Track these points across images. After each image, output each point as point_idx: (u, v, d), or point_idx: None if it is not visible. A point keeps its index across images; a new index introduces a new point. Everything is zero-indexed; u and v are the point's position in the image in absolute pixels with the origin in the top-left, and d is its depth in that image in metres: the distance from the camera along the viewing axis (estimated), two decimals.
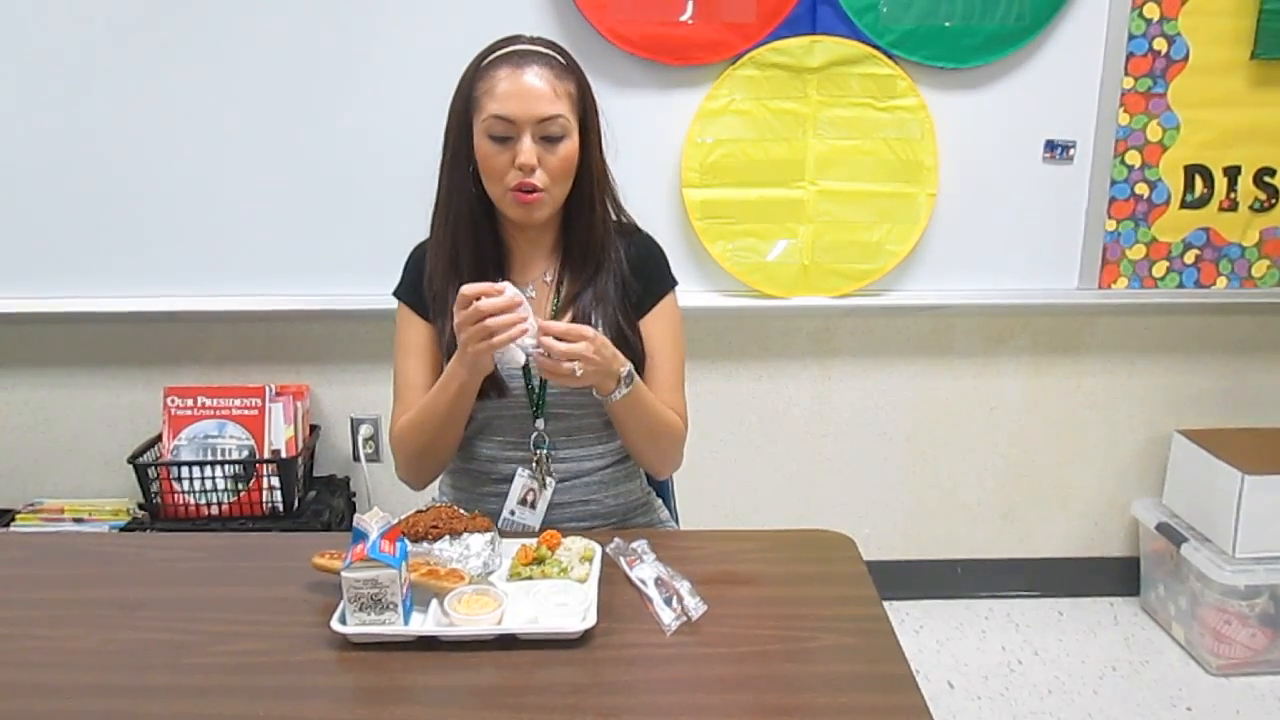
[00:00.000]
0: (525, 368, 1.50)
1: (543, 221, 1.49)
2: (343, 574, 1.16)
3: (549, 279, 1.55)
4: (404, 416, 1.51)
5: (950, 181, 2.41)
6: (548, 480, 1.53)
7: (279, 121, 2.35)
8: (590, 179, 1.50)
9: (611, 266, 1.54)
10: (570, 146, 1.44)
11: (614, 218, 1.57)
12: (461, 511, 1.34)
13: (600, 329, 1.49)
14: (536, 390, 1.52)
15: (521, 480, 1.53)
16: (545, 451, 1.53)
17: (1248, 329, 2.67)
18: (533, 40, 1.48)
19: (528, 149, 1.41)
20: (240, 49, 2.31)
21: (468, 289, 1.32)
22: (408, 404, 1.53)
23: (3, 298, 2.44)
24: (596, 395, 1.43)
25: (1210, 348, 2.68)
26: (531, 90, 1.41)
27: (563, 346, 1.33)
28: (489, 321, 1.31)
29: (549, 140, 1.43)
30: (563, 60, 1.47)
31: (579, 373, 1.34)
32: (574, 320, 1.51)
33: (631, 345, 1.52)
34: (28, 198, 2.38)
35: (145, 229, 2.41)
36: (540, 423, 1.53)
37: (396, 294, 1.58)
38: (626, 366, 1.42)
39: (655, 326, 1.56)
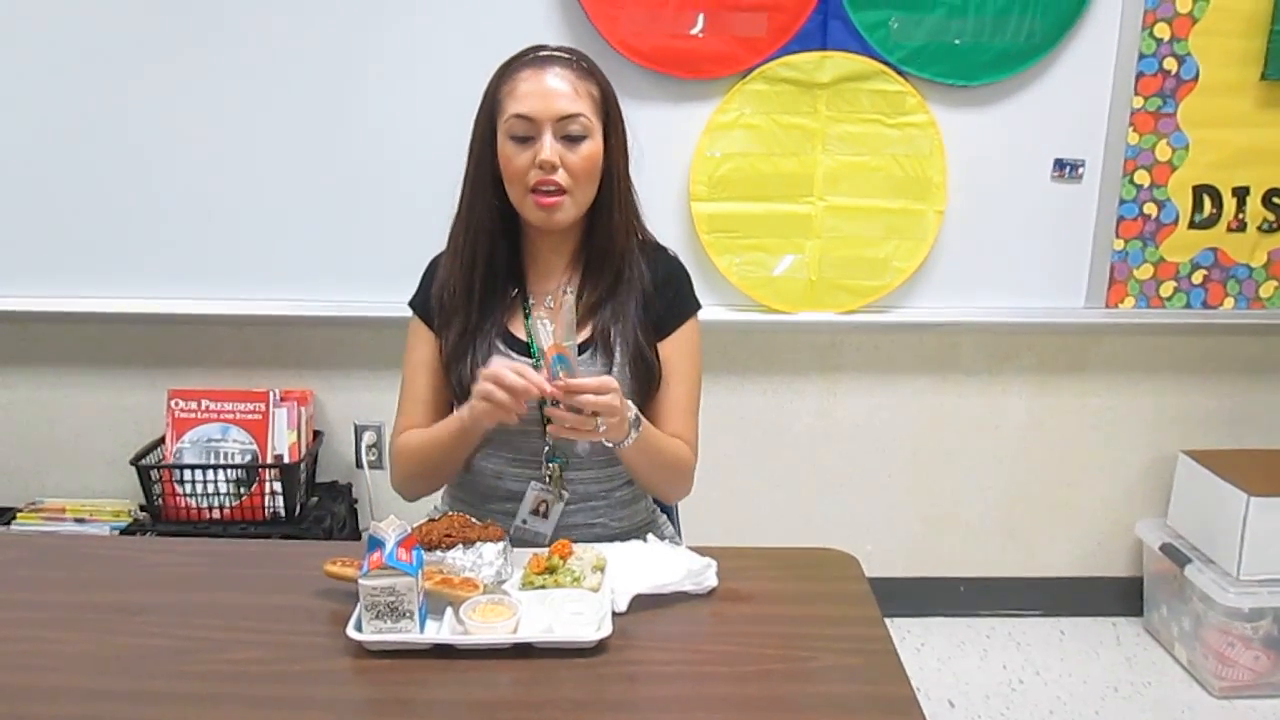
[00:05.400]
0: None
1: (564, 226, 1.47)
2: (360, 581, 1.16)
3: (568, 291, 1.52)
4: (405, 438, 1.52)
5: (958, 199, 2.41)
6: (562, 493, 1.51)
7: (289, 127, 2.36)
8: (612, 186, 1.48)
9: (633, 280, 1.51)
10: (593, 147, 1.43)
11: (637, 235, 1.54)
12: (474, 520, 1.34)
13: (619, 346, 1.48)
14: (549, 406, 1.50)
15: (534, 492, 1.52)
16: (558, 464, 1.51)
17: (1255, 350, 2.66)
18: (557, 48, 1.48)
19: (548, 146, 1.40)
20: (252, 55, 2.31)
21: (511, 377, 1.31)
22: (411, 417, 1.53)
23: (8, 296, 2.44)
24: (606, 444, 1.40)
25: (1217, 368, 2.67)
26: (552, 89, 1.41)
27: (594, 399, 1.30)
28: (497, 394, 1.31)
29: (570, 139, 1.41)
30: (585, 64, 1.46)
31: (603, 428, 1.32)
32: (593, 336, 1.49)
33: (649, 365, 1.50)
34: (35, 197, 2.39)
35: (152, 231, 2.41)
36: (550, 438, 1.50)
37: (411, 304, 1.57)
38: (633, 410, 1.40)
39: (674, 350, 1.54)
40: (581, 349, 1.49)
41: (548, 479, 1.51)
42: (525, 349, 1.51)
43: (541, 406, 1.49)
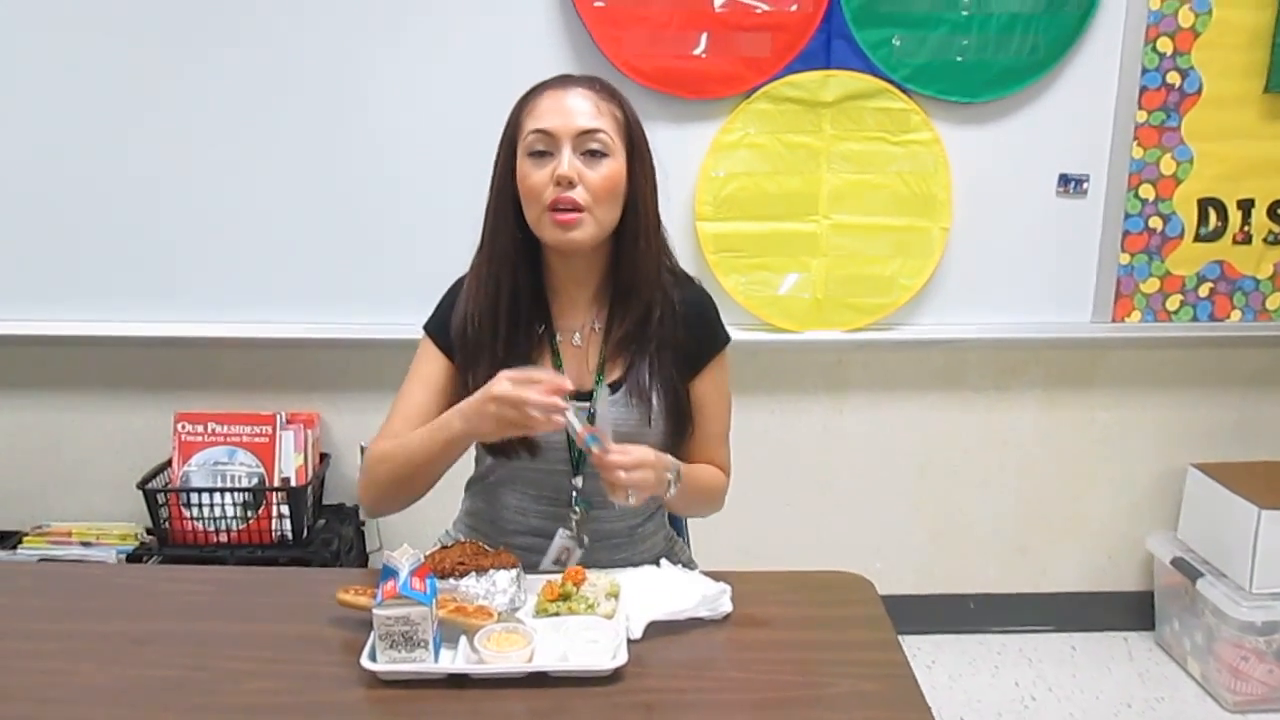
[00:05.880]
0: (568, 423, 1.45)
1: (583, 247, 1.41)
2: (375, 611, 1.16)
3: (596, 326, 1.49)
4: (385, 446, 1.44)
5: (964, 215, 2.41)
6: (584, 539, 1.48)
7: (295, 151, 2.36)
8: (639, 212, 1.43)
9: (663, 316, 1.47)
10: (614, 166, 1.39)
11: (667, 268, 1.50)
12: (486, 547, 1.33)
13: (655, 392, 1.45)
14: (578, 447, 1.44)
15: (560, 541, 1.47)
16: (584, 509, 1.48)
17: (1262, 362, 2.66)
18: (581, 75, 1.46)
19: (567, 160, 1.36)
20: (258, 80, 2.32)
21: (549, 385, 1.28)
22: (395, 429, 1.45)
23: (14, 320, 2.44)
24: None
25: (1224, 381, 2.66)
26: (573, 106, 1.38)
27: (624, 476, 1.31)
28: (525, 413, 1.27)
29: (591, 155, 1.38)
30: (609, 89, 1.44)
31: (633, 501, 1.33)
32: (624, 377, 1.46)
33: (683, 409, 1.48)
34: (41, 221, 2.39)
35: (159, 254, 2.41)
36: (579, 480, 1.48)
37: (426, 327, 1.52)
38: (674, 467, 1.40)
39: (708, 385, 1.52)
40: (613, 389, 1.47)
41: (574, 524, 1.48)
42: None
43: (571, 448, 1.46)
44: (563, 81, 1.43)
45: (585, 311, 1.50)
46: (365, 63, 2.32)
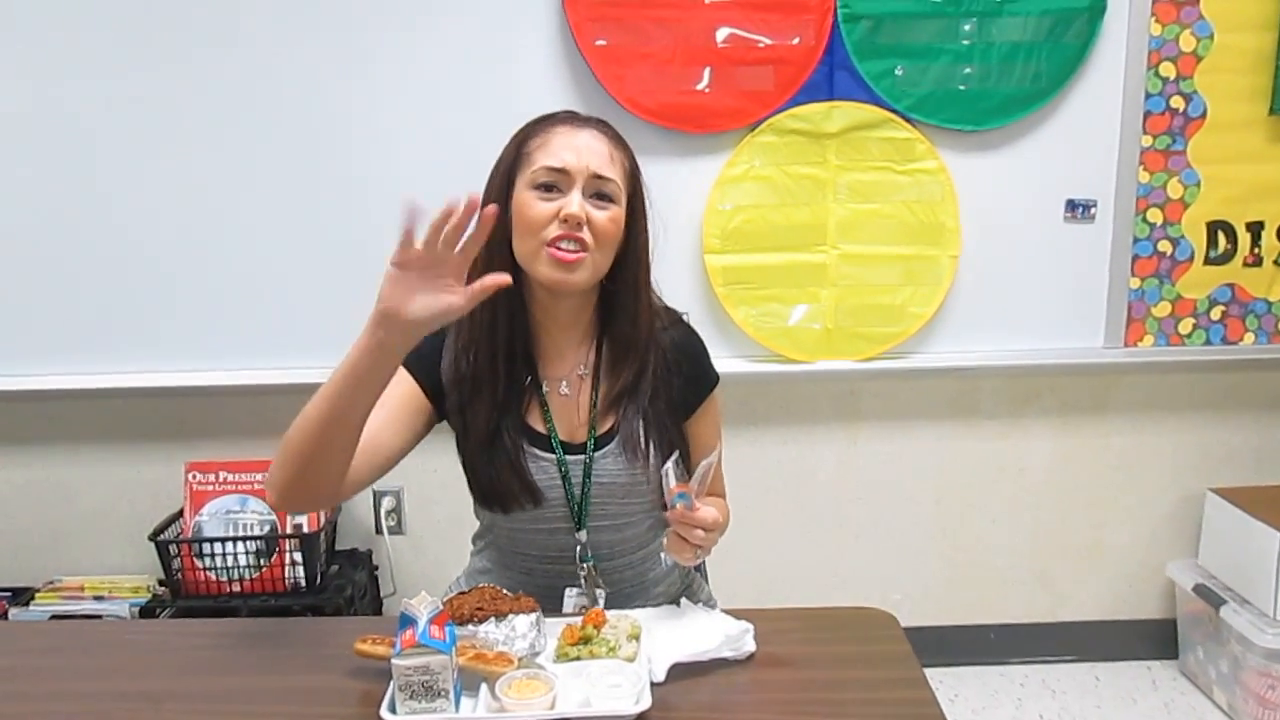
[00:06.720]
0: (565, 477, 1.42)
1: (578, 289, 1.37)
2: (394, 661, 1.14)
3: (583, 372, 1.45)
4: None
5: (972, 243, 2.41)
6: (598, 593, 1.44)
7: (299, 198, 2.37)
8: (636, 263, 1.40)
9: (656, 368, 1.44)
10: (619, 214, 1.36)
11: (659, 318, 1.47)
12: (505, 592, 1.31)
13: (653, 446, 1.42)
14: (578, 501, 1.43)
15: (571, 599, 1.45)
16: (591, 564, 1.45)
17: (1277, 384, 2.64)
18: (588, 116, 1.43)
19: (576, 201, 1.32)
20: (262, 130, 2.33)
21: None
22: None
23: (23, 375, 2.44)
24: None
25: (1240, 404, 2.64)
26: (589, 147, 1.35)
27: (702, 536, 1.31)
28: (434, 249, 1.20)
29: (598, 199, 1.34)
30: (619, 137, 1.42)
31: (694, 562, 1.36)
32: (615, 426, 1.43)
33: (676, 449, 1.45)
34: (47, 275, 2.40)
35: (166, 304, 2.41)
36: (582, 534, 1.44)
37: (404, 362, 1.42)
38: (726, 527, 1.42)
39: (701, 427, 1.50)
40: (606, 440, 1.43)
41: (583, 580, 1.45)
42: (546, 442, 1.44)
43: (569, 502, 1.43)
44: (573, 119, 1.40)
45: (571, 356, 1.46)
46: (368, 107, 2.33)
